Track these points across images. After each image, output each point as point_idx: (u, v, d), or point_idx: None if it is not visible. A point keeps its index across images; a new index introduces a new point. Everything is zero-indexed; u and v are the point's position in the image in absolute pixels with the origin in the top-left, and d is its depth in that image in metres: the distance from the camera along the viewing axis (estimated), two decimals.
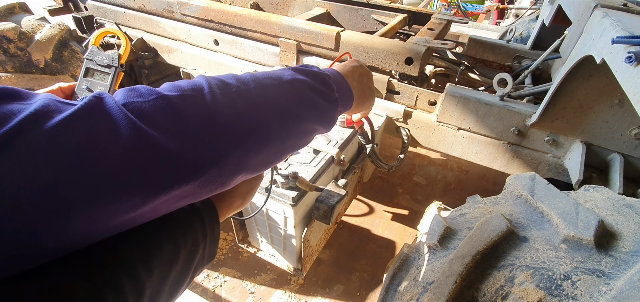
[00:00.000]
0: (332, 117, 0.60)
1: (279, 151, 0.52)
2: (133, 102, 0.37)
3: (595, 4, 1.07)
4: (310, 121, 0.55)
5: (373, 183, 2.23)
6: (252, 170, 0.50)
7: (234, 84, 0.47)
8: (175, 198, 0.41)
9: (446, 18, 1.94)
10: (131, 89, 0.39)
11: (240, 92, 0.47)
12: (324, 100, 0.56)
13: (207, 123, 0.42)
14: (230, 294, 1.54)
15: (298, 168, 1.22)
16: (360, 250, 1.78)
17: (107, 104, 0.35)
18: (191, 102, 0.41)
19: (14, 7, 1.88)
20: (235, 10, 1.72)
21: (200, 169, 0.41)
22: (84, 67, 0.70)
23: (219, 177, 0.44)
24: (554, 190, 0.73)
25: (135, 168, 0.35)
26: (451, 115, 1.43)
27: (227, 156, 0.44)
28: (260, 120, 0.47)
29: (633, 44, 0.76)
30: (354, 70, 0.68)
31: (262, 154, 0.49)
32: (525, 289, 0.58)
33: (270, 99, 0.50)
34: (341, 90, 0.61)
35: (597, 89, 1.12)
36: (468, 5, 5.60)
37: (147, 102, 0.38)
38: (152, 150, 0.36)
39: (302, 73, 0.56)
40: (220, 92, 0.45)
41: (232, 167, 0.45)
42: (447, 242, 0.76)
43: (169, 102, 0.40)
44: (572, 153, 1.27)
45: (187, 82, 0.44)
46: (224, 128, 0.43)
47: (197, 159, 0.40)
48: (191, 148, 0.40)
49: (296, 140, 0.55)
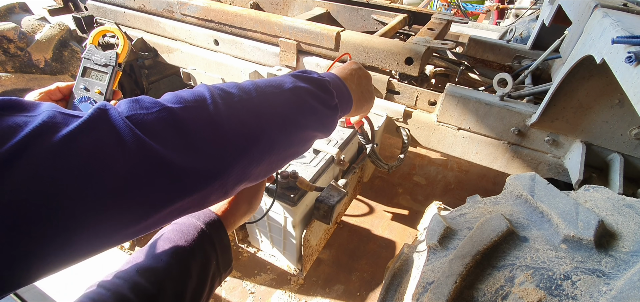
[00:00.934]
0: (332, 123, 0.60)
1: (280, 159, 0.53)
2: (136, 114, 0.37)
3: (595, 4, 1.07)
4: (311, 128, 0.55)
5: (373, 183, 2.23)
6: (254, 179, 0.50)
7: (236, 93, 0.47)
8: (178, 210, 0.41)
9: (446, 18, 1.94)
10: (134, 101, 0.39)
11: (243, 101, 0.47)
12: (324, 107, 0.56)
13: (211, 135, 0.42)
14: (230, 294, 1.54)
15: (298, 168, 1.22)
16: (360, 250, 1.78)
17: (112, 116, 0.36)
18: (194, 114, 0.41)
19: (14, 7, 1.88)
20: (235, 10, 1.72)
21: (203, 182, 0.41)
22: (82, 67, 0.70)
23: (222, 188, 0.44)
24: (554, 190, 0.73)
25: (139, 182, 0.35)
26: (451, 115, 1.43)
27: (230, 168, 0.44)
28: (262, 130, 0.47)
29: (633, 44, 0.76)
30: (353, 73, 0.68)
31: (264, 164, 0.49)
32: (525, 289, 0.58)
33: (272, 108, 0.50)
34: (341, 96, 0.61)
35: (597, 89, 1.12)
36: (468, 5, 5.59)
37: (150, 115, 0.38)
38: (156, 164, 0.36)
39: (302, 80, 0.56)
40: (223, 102, 0.45)
41: (235, 178, 0.45)
42: (447, 242, 0.76)
43: (172, 115, 0.39)
44: (572, 153, 1.27)
45: (189, 93, 0.44)
46: (227, 140, 0.43)
47: (201, 172, 0.41)
48: (195, 161, 0.40)
49: (297, 148, 0.55)
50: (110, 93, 0.71)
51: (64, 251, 0.32)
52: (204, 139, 0.41)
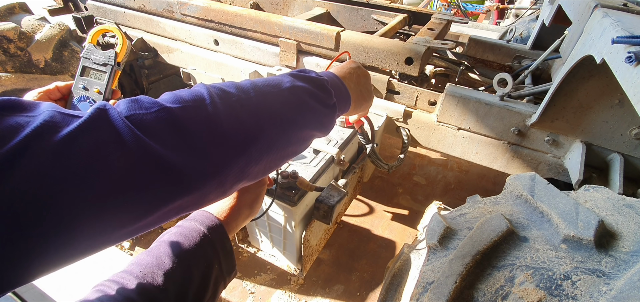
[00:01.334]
0: (330, 122, 0.60)
1: (279, 158, 0.53)
2: (136, 114, 0.37)
3: (595, 4, 1.07)
4: (309, 127, 0.55)
5: (373, 183, 2.23)
6: (252, 178, 0.50)
7: (234, 93, 0.47)
8: (177, 208, 0.41)
9: (446, 18, 1.94)
10: (133, 100, 0.40)
11: (241, 100, 0.47)
12: (322, 106, 0.56)
13: (209, 135, 0.42)
14: (230, 294, 1.54)
15: (298, 168, 1.22)
16: (360, 250, 1.78)
17: (111, 116, 0.36)
18: (193, 113, 0.41)
19: (14, 7, 1.88)
20: (235, 10, 1.72)
21: (201, 180, 0.41)
22: (81, 66, 0.69)
23: (220, 187, 0.45)
24: (554, 190, 0.72)
25: (139, 181, 0.35)
26: (451, 115, 1.43)
27: (228, 167, 0.44)
28: (261, 129, 0.47)
29: (633, 44, 0.76)
30: (352, 72, 0.68)
31: (262, 163, 0.49)
32: (525, 289, 0.58)
33: (270, 107, 0.49)
34: (339, 94, 0.61)
35: (597, 89, 1.12)
36: (468, 5, 5.60)
37: (149, 115, 0.38)
38: (155, 163, 0.36)
39: (300, 79, 0.56)
40: (221, 101, 0.44)
41: (233, 177, 0.45)
42: (447, 242, 0.75)
43: (171, 115, 0.40)
44: (572, 153, 1.27)
45: (188, 92, 0.44)
46: (225, 139, 0.43)
47: (199, 171, 0.41)
48: (193, 161, 0.40)
49: (296, 147, 0.55)
50: (109, 92, 0.70)
51: (65, 249, 0.32)
52: (202, 138, 0.41)
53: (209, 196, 0.44)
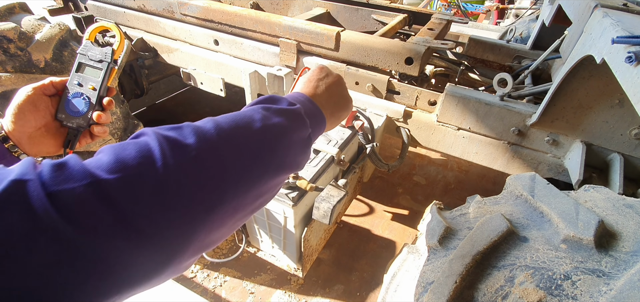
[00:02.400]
0: (306, 158, 0.54)
1: (246, 216, 0.45)
2: (61, 191, 0.30)
3: (595, 4, 1.07)
4: (284, 171, 0.48)
5: (373, 183, 2.23)
6: (212, 247, 0.43)
7: (192, 144, 0.37)
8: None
9: (446, 18, 1.94)
10: (60, 167, 0.32)
11: (201, 155, 0.37)
12: (299, 143, 0.50)
13: (157, 212, 0.33)
14: (230, 294, 1.54)
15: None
16: (360, 250, 1.78)
17: (30, 194, 0.29)
18: (135, 184, 0.33)
19: (14, 7, 1.88)
20: (235, 10, 1.72)
21: (142, 278, 0.34)
22: (77, 62, 0.68)
23: (171, 274, 0.38)
24: (554, 190, 0.73)
25: (55, 285, 0.29)
26: (451, 115, 1.43)
27: (181, 251, 0.36)
28: (224, 190, 0.39)
29: (633, 44, 0.76)
30: (320, 85, 0.60)
31: (225, 228, 0.41)
32: (525, 289, 0.58)
33: (239, 157, 0.41)
34: (314, 122, 0.54)
35: (597, 89, 1.12)
36: (468, 5, 5.60)
37: (77, 189, 0.30)
38: (83, 259, 0.30)
39: (274, 113, 0.48)
40: (175, 162, 0.35)
41: (189, 255, 0.38)
42: (447, 242, 0.76)
43: (103, 191, 0.31)
44: (572, 153, 1.27)
45: (133, 149, 0.35)
46: (177, 214, 0.35)
47: (140, 268, 0.33)
48: (137, 248, 0.32)
49: (265, 198, 0.48)
50: (105, 89, 0.70)
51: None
52: (147, 216, 0.33)
53: (157, 282, 0.36)
